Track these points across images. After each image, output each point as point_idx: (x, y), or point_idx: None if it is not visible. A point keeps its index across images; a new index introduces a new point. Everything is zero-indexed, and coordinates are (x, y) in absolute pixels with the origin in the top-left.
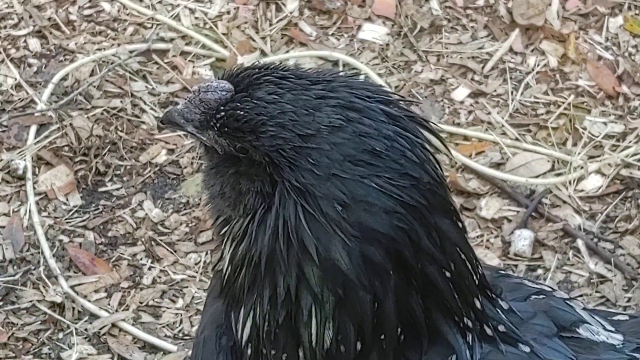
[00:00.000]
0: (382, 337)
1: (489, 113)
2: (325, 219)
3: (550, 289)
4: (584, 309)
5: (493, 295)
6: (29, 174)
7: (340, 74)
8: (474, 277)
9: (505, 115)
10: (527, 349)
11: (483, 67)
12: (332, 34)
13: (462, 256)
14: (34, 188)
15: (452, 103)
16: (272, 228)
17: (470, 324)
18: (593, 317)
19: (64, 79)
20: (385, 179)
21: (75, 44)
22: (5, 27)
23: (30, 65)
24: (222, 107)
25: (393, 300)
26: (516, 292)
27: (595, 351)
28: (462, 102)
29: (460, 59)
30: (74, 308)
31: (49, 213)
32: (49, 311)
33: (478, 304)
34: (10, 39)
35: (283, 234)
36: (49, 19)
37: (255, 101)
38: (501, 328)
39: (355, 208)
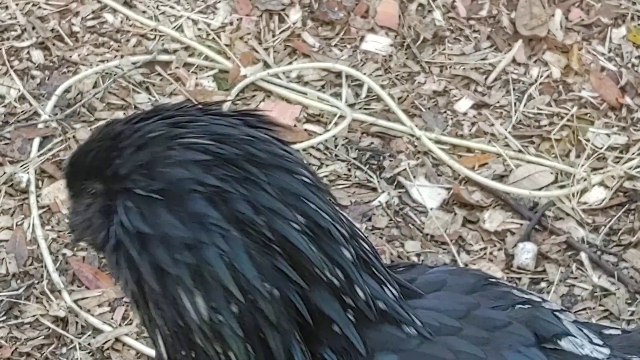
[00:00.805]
0: (250, 297)
1: (492, 125)
2: (134, 185)
3: (539, 300)
4: (575, 321)
5: (378, 272)
6: (32, 187)
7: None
8: (339, 229)
9: (508, 127)
10: (413, 331)
11: (486, 78)
12: (335, 45)
13: (314, 207)
14: (37, 201)
15: (455, 115)
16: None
17: (337, 282)
18: (581, 330)
19: (67, 90)
20: (188, 139)
21: (79, 55)
22: (8, 38)
23: (33, 77)
24: None
25: (247, 259)
26: (501, 300)
27: None
28: (465, 114)
29: (464, 70)
30: (77, 322)
31: (52, 226)
32: (52, 325)
33: (348, 254)
34: (13, 51)
35: (120, 224)
36: (52, 30)
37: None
38: (381, 305)
39: (157, 165)
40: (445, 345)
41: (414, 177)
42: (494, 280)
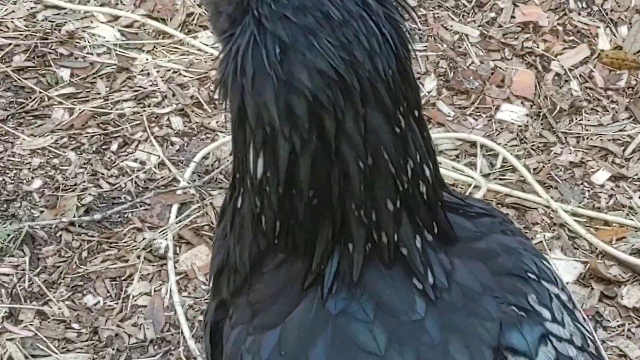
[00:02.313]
0: (294, 191)
1: (630, 197)
2: (266, 54)
3: (541, 317)
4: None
5: (421, 220)
6: (170, 254)
7: None
8: (397, 182)
9: None
10: (420, 286)
11: (624, 150)
12: (470, 114)
13: (386, 156)
14: (175, 268)
15: (592, 187)
16: (227, 51)
17: (365, 221)
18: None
19: (205, 157)
20: (328, 43)
21: (217, 122)
22: (149, 105)
23: (172, 144)
24: None
25: (309, 162)
26: (508, 296)
27: None
28: (602, 186)
29: (601, 141)
30: None
31: (189, 293)
32: None
33: (390, 206)
34: (154, 117)
35: (233, 59)
36: (192, 97)
37: None
38: (403, 251)
39: (292, 55)
40: (436, 318)
41: (550, 250)
42: (524, 275)
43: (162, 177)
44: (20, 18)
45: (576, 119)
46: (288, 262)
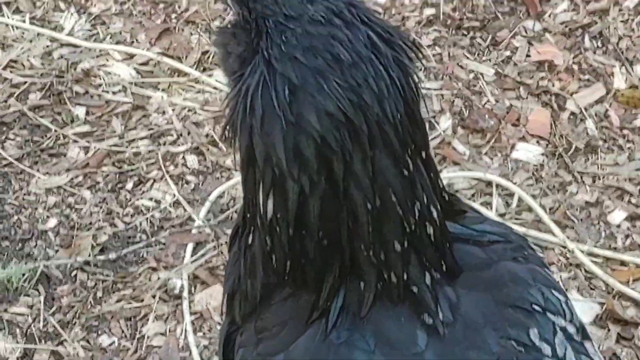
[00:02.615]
0: (304, 232)
1: None
2: (275, 95)
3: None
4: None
5: (427, 259)
6: (185, 293)
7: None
8: (404, 224)
9: None
10: (430, 321)
11: None
12: (486, 153)
13: (394, 199)
14: (190, 307)
15: (608, 226)
16: (236, 91)
17: (374, 261)
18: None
19: (220, 196)
20: (338, 86)
21: (231, 161)
22: (164, 143)
23: (187, 182)
24: None
25: (318, 203)
26: (509, 329)
27: None
28: (618, 226)
29: (617, 180)
30: None
31: (204, 333)
32: None
33: (398, 247)
34: (169, 156)
35: (242, 98)
36: (207, 135)
37: None
38: (414, 289)
39: (301, 97)
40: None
41: (566, 290)
42: (528, 307)
43: (177, 216)
44: (36, 56)
45: (592, 158)
46: (295, 296)
